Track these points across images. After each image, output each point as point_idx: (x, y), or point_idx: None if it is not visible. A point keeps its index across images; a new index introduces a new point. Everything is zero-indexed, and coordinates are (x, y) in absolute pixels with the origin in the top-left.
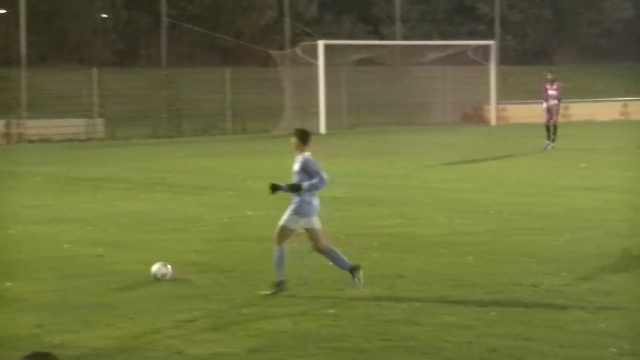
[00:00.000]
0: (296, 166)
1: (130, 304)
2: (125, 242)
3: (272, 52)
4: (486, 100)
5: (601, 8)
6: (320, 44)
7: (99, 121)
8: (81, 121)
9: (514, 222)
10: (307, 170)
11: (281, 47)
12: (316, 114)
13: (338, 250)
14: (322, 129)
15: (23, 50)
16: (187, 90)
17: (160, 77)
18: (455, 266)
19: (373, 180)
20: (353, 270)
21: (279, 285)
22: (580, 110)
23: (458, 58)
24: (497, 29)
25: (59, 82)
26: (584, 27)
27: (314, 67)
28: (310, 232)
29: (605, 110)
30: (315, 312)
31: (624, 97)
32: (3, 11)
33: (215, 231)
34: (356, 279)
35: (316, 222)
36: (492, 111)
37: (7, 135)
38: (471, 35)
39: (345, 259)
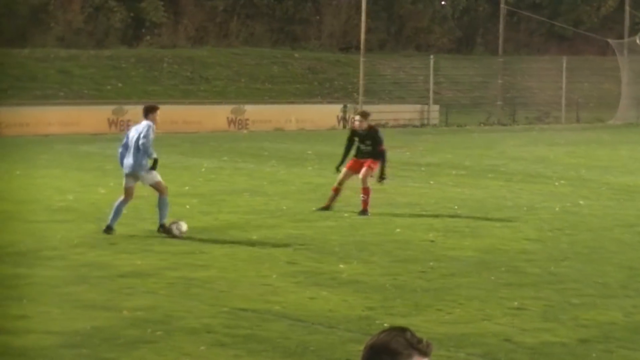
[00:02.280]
0: None
1: (461, 289)
2: (456, 228)
3: (610, 40)
4: None
5: None
6: None
7: (434, 107)
8: (416, 107)
9: None
10: None
11: (620, 36)
12: None
13: None
14: None
15: (362, 36)
16: (523, 78)
17: (496, 64)
18: None
19: None
20: None
21: None
22: None
23: None
24: None
25: (396, 68)
26: None
27: None
28: None
29: None
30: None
31: None
32: None
33: (547, 220)
34: None
35: None
36: None
37: (344, 119)
38: None
39: None
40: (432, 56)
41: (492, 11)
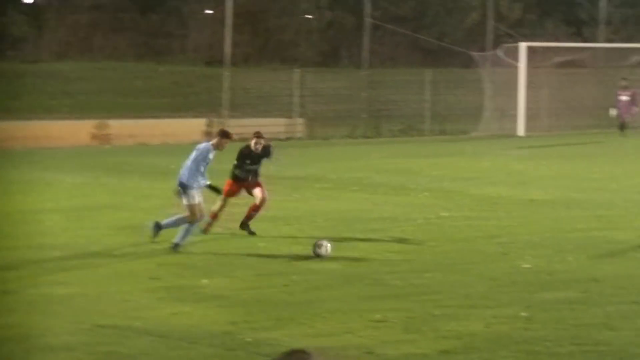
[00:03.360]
0: None
1: (324, 303)
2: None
3: (473, 53)
4: None
5: None
6: (522, 46)
7: (299, 121)
8: (281, 120)
9: None
10: None
11: (483, 49)
12: (515, 116)
13: None
14: (521, 131)
15: (228, 49)
16: (387, 91)
17: (361, 77)
18: None
19: (570, 183)
20: None
21: None
22: None
23: None
24: None
25: (261, 82)
26: None
27: (515, 69)
28: None
29: None
30: (507, 315)
31: None
32: (210, 12)
33: (410, 232)
34: None
35: None
36: None
37: (209, 134)
38: None
39: None
40: (297, 69)
41: (357, 24)
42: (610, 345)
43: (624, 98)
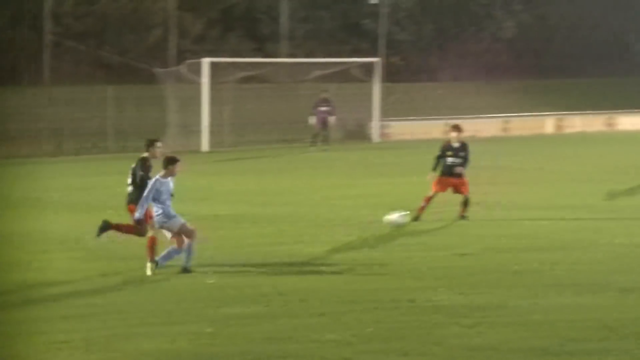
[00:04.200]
0: None
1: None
2: None
3: (156, 69)
4: (369, 117)
5: (483, 26)
6: (205, 61)
7: None
8: None
9: (394, 238)
10: None
11: (166, 65)
12: (199, 132)
13: None
14: (206, 146)
15: None
16: (69, 108)
17: (42, 95)
18: (334, 283)
19: (256, 198)
20: None
21: None
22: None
23: (342, 75)
24: (382, 46)
25: None
26: (466, 45)
27: (199, 84)
28: None
29: (487, 127)
30: (192, 331)
31: (505, 113)
32: None
33: (93, 249)
34: None
35: None
36: (375, 128)
37: None
38: (355, 52)
39: None
40: None
41: (37, 40)
42: (295, 357)
43: (323, 109)
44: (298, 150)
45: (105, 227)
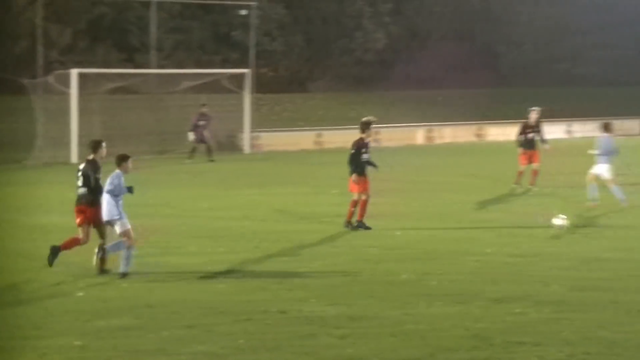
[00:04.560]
0: None
1: None
2: None
3: (24, 80)
4: (240, 128)
5: (353, 37)
6: (74, 72)
7: None
8: None
9: (265, 250)
10: None
11: (34, 76)
12: (69, 144)
13: None
14: (75, 158)
15: None
16: None
17: None
18: (205, 294)
19: (126, 210)
20: None
21: None
22: (332, 138)
23: (213, 86)
24: (252, 57)
25: None
26: (336, 56)
27: (67, 96)
28: None
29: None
30: (61, 345)
31: (375, 124)
32: None
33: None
34: None
35: None
36: (246, 139)
37: None
38: (226, 63)
39: None
40: None
41: None
42: None
43: (202, 123)
44: (170, 162)
45: (55, 251)
